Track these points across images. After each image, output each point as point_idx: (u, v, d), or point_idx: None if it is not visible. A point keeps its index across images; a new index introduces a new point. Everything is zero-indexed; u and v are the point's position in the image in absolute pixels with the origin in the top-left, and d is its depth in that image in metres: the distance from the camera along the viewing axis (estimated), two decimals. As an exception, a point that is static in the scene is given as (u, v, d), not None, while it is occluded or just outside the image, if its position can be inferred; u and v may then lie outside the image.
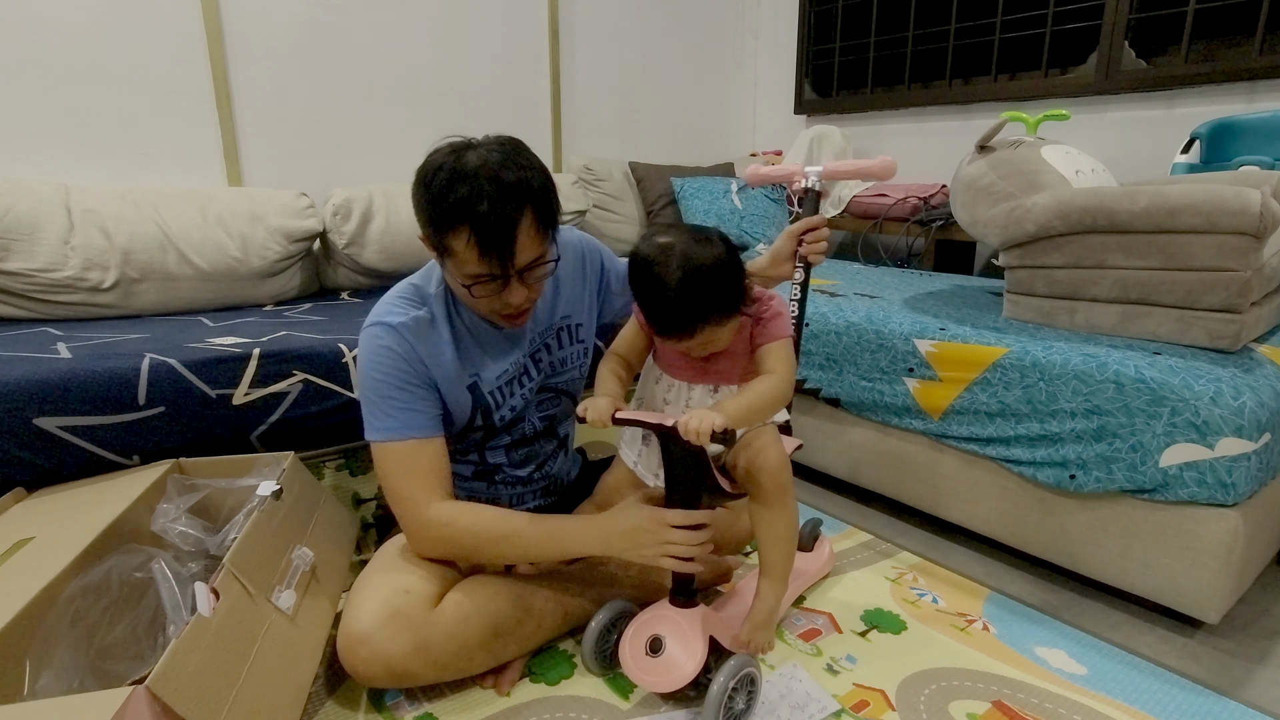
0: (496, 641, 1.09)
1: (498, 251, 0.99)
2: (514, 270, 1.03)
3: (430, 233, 1.03)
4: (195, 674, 0.80)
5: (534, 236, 1.03)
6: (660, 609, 1.09)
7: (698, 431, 0.92)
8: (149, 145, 2.07)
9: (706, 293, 0.98)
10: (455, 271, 1.04)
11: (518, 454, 1.28)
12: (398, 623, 1.01)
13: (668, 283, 0.97)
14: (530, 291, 1.07)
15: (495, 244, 0.99)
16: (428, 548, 1.11)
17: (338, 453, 1.50)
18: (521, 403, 1.23)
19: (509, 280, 1.04)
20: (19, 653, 0.83)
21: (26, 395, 1.17)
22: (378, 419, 1.09)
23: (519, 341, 1.21)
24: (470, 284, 1.03)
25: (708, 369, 1.11)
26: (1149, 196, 1.34)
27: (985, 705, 1.10)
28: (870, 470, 1.73)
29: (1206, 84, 2.13)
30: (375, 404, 1.09)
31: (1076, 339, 1.43)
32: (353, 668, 1.01)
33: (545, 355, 1.26)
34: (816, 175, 1.30)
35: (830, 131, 3.05)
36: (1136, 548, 1.29)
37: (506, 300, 1.06)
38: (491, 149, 1.01)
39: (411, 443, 1.09)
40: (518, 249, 1.01)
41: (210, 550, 1.14)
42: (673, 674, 1.02)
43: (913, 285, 2.09)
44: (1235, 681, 1.17)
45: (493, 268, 1.01)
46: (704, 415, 0.93)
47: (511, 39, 2.70)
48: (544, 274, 1.09)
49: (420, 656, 1.02)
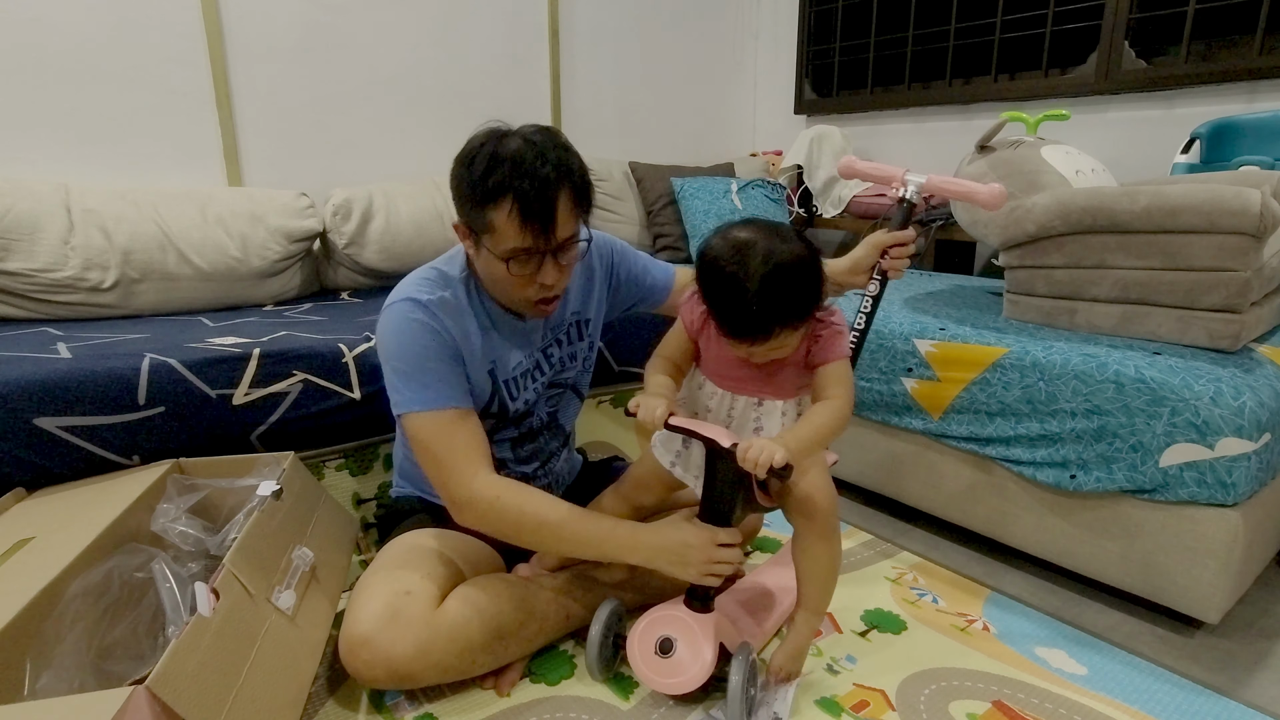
0: (498, 643, 1.09)
1: (539, 223, 1.01)
2: (553, 244, 1.04)
3: (469, 211, 1.04)
4: (195, 674, 0.80)
5: (571, 213, 1.05)
6: (674, 609, 1.08)
7: (756, 463, 0.90)
8: (149, 145, 2.07)
9: (789, 294, 0.92)
10: (494, 248, 1.04)
11: (523, 449, 1.28)
12: (400, 624, 1.01)
13: (748, 282, 0.90)
14: (562, 274, 1.08)
15: (537, 215, 1.00)
16: (471, 519, 1.09)
17: (338, 453, 1.50)
18: (534, 396, 1.23)
19: (545, 257, 1.05)
20: (19, 653, 0.83)
21: (26, 395, 1.17)
22: (414, 390, 1.07)
23: (533, 336, 1.22)
24: (509, 258, 1.04)
25: (755, 380, 1.05)
26: (1149, 196, 1.34)
27: (985, 705, 1.10)
28: (870, 470, 1.73)
29: (1206, 84, 2.13)
30: (411, 375, 1.07)
31: (1076, 339, 1.43)
32: (354, 669, 1.01)
33: (556, 350, 1.26)
34: (916, 187, 1.22)
35: (830, 131, 3.05)
36: (1136, 548, 1.29)
37: (541, 279, 1.06)
38: (530, 134, 1.04)
39: (452, 412, 1.08)
40: (558, 222, 1.02)
41: (210, 550, 1.14)
42: (681, 677, 1.02)
43: (913, 285, 2.09)
44: (1235, 681, 1.17)
45: (533, 240, 1.02)
46: (766, 447, 0.90)
47: (511, 39, 2.70)
48: (575, 256, 1.10)
49: (422, 658, 1.01)
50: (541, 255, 1.05)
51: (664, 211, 2.80)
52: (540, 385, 1.25)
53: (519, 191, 0.99)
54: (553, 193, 1.01)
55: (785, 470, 0.90)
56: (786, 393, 1.06)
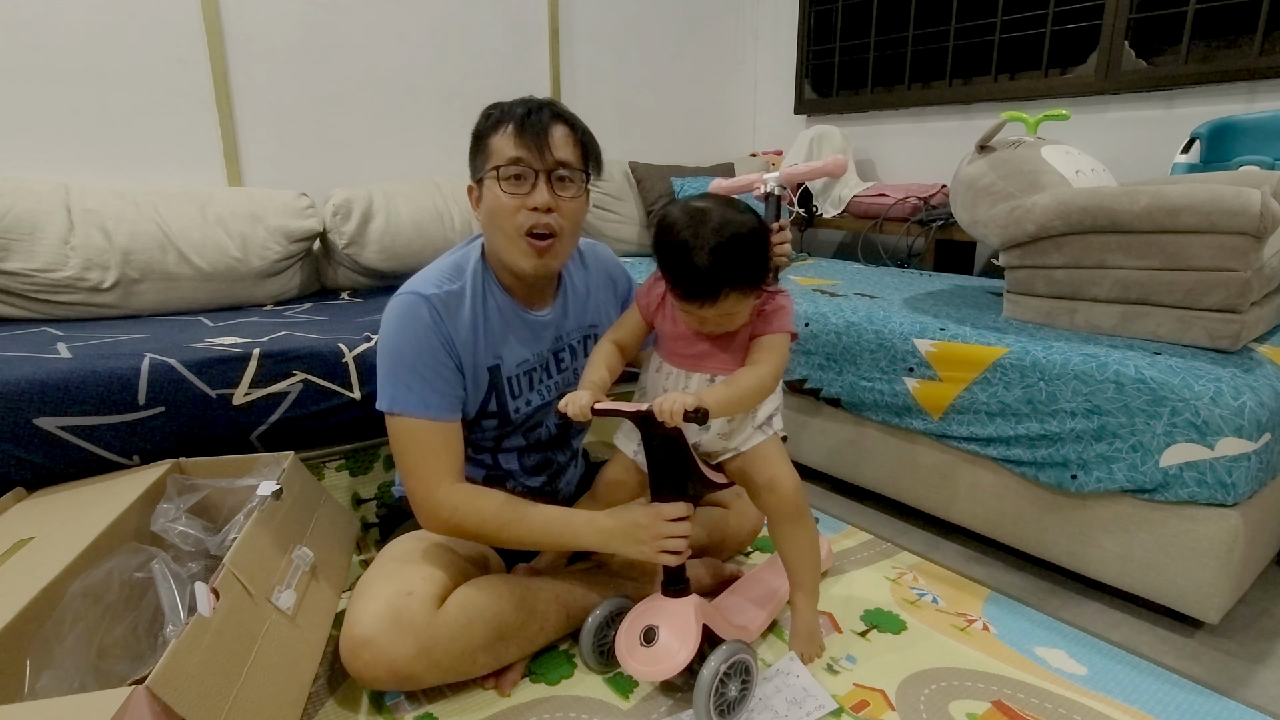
0: (500, 644, 1.09)
1: (534, 138, 1.06)
2: (548, 162, 1.07)
3: (476, 152, 1.11)
4: (195, 674, 0.80)
5: (568, 141, 1.10)
6: (653, 601, 1.10)
7: (670, 412, 0.95)
8: (149, 145, 2.07)
9: (738, 257, 0.99)
10: (492, 165, 1.08)
11: (530, 459, 1.28)
12: (401, 626, 1.00)
13: (702, 243, 0.98)
14: (557, 206, 1.09)
15: (532, 131, 1.06)
16: (435, 526, 1.12)
17: (338, 453, 1.50)
18: (539, 399, 1.23)
19: (539, 176, 1.07)
20: (19, 653, 0.83)
21: (26, 395, 1.17)
22: (398, 389, 1.09)
23: (544, 334, 1.22)
24: (502, 167, 1.07)
25: (710, 357, 1.11)
26: (1149, 196, 1.34)
27: (985, 705, 1.10)
28: (870, 470, 1.73)
29: (1206, 84, 2.13)
30: (397, 373, 1.09)
31: (1076, 339, 1.43)
32: (356, 671, 1.01)
33: (568, 358, 1.27)
34: (775, 180, 1.32)
35: (830, 131, 3.05)
36: (1136, 548, 1.29)
37: (534, 201, 1.07)
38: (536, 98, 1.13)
39: (426, 422, 1.09)
40: (552, 141, 1.07)
41: (210, 550, 1.14)
42: (666, 662, 1.03)
43: (913, 285, 2.09)
44: (1235, 681, 1.17)
45: (527, 152, 1.06)
46: (676, 396, 0.96)
47: (511, 39, 2.70)
48: (574, 192, 1.12)
49: (423, 660, 1.01)
50: (535, 174, 1.08)
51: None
52: (547, 389, 1.24)
53: (517, 114, 1.08)
54: (548, 118, 1.08)
55: (699, 414, 0.95)
56: (738, 366, 1.10)
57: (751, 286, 1.03)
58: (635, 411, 1.02)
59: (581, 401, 1.04)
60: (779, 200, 1.32)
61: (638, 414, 1.02)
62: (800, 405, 1.85)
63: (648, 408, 0.99)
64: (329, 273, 2.21)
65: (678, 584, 1.09)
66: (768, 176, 1.32)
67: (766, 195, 1.32)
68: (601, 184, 2.79)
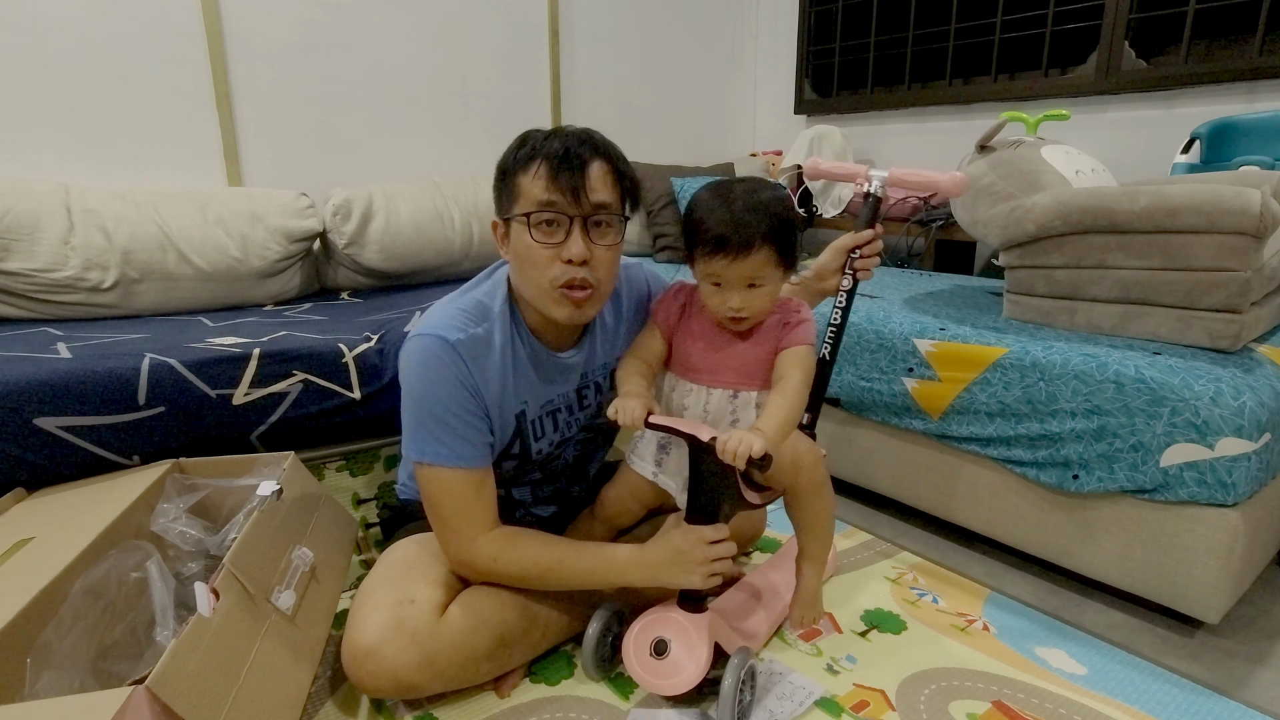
0: (502, 651, 1.09)
1: (568, 179, 0.97)
2: (584, 207, 0.99)
3: (503, 188, 1.03)
4: (195, 674, 0.80)
5: (606, 181, 1.01)
6: (667, 610, 1.08)
7: (735, 454, 0.91)
8: (149, 145, 2.07)
9: (774, 213, 1.00)
10: (522, 210, 1.00)
11: (544, 491, 1.26)
12: (404, 635, 0.99)
13: (737, 199, 1.00)
14: (593, 256, 1.01)
15: (566, 172, 0.97)
16: (474, 577, 1.09)
17: (338, 453, 1.50)
18: (559, 438, 1.19)
19: (573, 223, 0.99)
20: (19, 653, 0.83)
21: (26, 395, 1.17)
22: (427, 442, 1.04)
23: (570, 375, 1.17)
24: (532, 215, 0.98)
25: (730, 371, 1.08)
26: (1149, 196, 1.34)
27: (985, 705, 1.10)
28: (870, 470, 1.73)
29: (1206, 84, 2.13)
30: (426, 425, 1.04)
31: (1076, 339, 1.43)
32: (359, 680, 1.00)
33: (591, 395, 1.21)
34: (881, 181, 1.22)
35: (830, 131, 3.05)
36: (1136, 548, 1.29)
37: (568, 253, 0.99)
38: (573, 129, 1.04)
39: (461, 472, 1.05)
40: (588, 181, 0.98)
41: (210, 550, 1.14)
42: (676, 678, 1.02)
43: (913, 285, 2.09)
44: (1235, 681, 1.17)
45: (560, 195, 0.97)
46: (744, 438, 0.91)
47: (511, 39, 2.70)
48: (612, 238, 1.04)
49: (427, 669, 1.01)
50: (570, 220, 0.99)
51: (664, 211, 2.81)
52: (569, 425, 1.20)
53: (549, 153, 0.98)
54: (586, 154, 0.99)
55: (764, 461, 0.91)
56: (760, 382, 1.08)
57: (782, 252, 1.02)
58: (695, 437, 0.98)
59: (635, 413, 1.00)
60: (878, 202, 1.23)
61: (696, 441, 0.98)
62: (800, 405, 1.85)
63: (711, 439, 0.95)
64: (329, 273, 2.21)
65: (696, 600, 1.07)
66: (874, 174, 1.23)
67: (866, 195, 1.24)
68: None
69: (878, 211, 1.25)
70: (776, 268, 1.03)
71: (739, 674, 1.01)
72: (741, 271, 1.01)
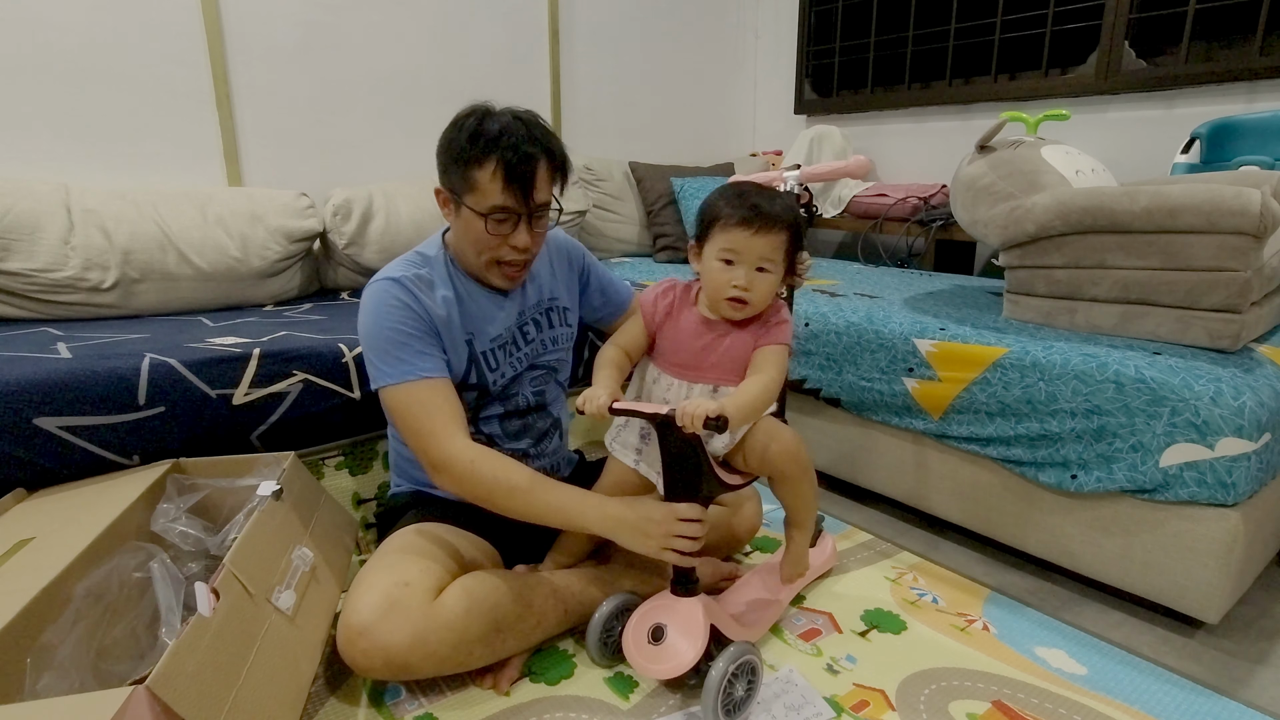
0: (496, 636, 1.09)
1: (521, 184, 1.10)
2: (531, 206, 1.13)
3: (455, 171, 1.12)
4: (195, 674, 0.80)
5: (549, 181, 1.15)
6: (662, 599, 1.11)
7: (693, 417, 0.97)
8: (149, 145, 2.07)
9: (790, 207, 1.12)
10: (475, 205, 1.12)
11: (511, 424, 1.30)
12: (397, 614, 1.01)
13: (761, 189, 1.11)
14: (534, 242, 1.17)
15: (519, 178, 1.10)
16: (448, 481, 1.13)
17: (337, 452, 1.50)
18: (512, 371, 1.27)
19: (521, 219, 1.13)
20: (19, 653, 0.83)
21: (26, 395, 1.17)
22: (391, 365, 1.13)
23: (509, 309, 1.26)
24: (488, 214, 1.11)
25: (710, 368, 1.12)
26: (1149, 196, 1.34)
27: (985, 705, 1.10)
28: (870, 470, 1.73)
29: (1206, 84, 2.13)
30: (387, 350, 1.13)
31: (1076, 339, 1.43)
32: (352, 659, 1.02)
33: (534, 331, 1.31)
34: (795, 179, 1.32)
35: (830, 131, 3.05)
36: (1136, 548, 1.29)
37: (514, 241, 1.14)
38: (516, 112, 1.14)
39: (428, 382, 1.13)
40: (537, 186, 1.12)
41: (210, 550, 1.14)
42: (673, 661, 1.03)
43: (913, 285, 2.09)
44: (1235, 681, 1.17)
45: (513, 200, 1.11)
46: (699, 403, 0.98)
47: (511, 39, 2.70)
48: (547, 224, 1.18)
49: (419, 649, 1.02)
50: (519, 217, 1.13)
51: (664, 211, 2.80)
52: (519, 361, 1.28)
53: (505, 153, 1.09)
54: (535, 159, 1.11)
55: (720, 421, 0.97)
56: (740, 377, 1.12)
57: (793, 243, 1.11)
58: (654, 414, 1.03)
59: (599, 401, 1.06)
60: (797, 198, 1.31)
61: (656, 417, 1.03)
62: (800, 405, 1.85)
63: (669, 411, 1.00)
64: (329, 273, 2.21)
65: (687, 583, 1.10)
66: (787, 175, 1.32)
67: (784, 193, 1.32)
68: (601, 184, 2.79)
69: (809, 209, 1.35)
70: (784, 260, 1.11)
71: (730, 664, 1.02)
72: (759, 248, 1.08)
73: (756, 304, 1.10)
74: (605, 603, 1.16)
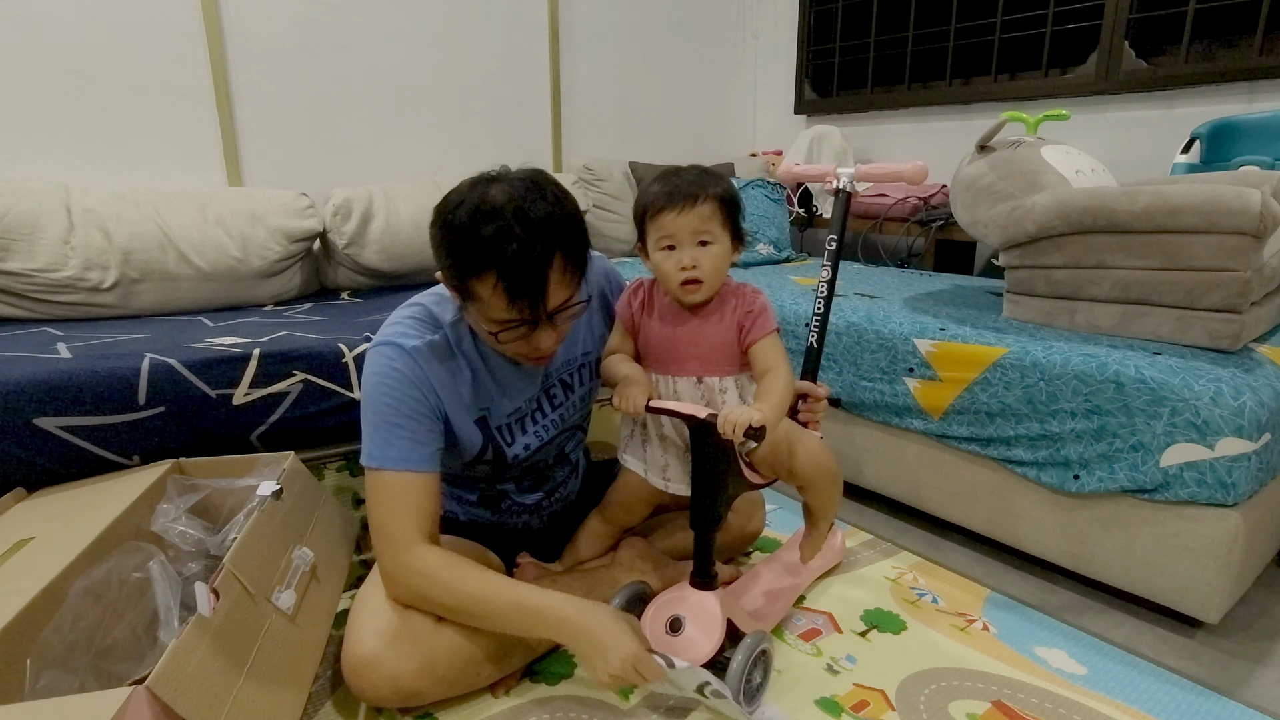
0: (503, 654, 1.08)
1: (529, 297, 0.94)
2: (544, 314, 0.97)
3: (452, 275, 0.97)
4: (195, 674, 0.80)
5: (564, 277, 0.97)
6: (680, 590, 1.12)
7: (735, 425, 0.95)
8: (149, 145, 2.07)
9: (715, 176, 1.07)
10: (480, 317, 0.99)
11: (527, 482, 1.26)
12: (404, 642, 0.99)
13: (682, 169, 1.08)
14: (559, 333, 1.03)
15: (526, 289, 0.93)
16: (400, 593, 1.02)
17: (338, 453, 1.50)
18: (538, 441, 1.19)
19: (538, 324, 0.98)
20: (19, 653, 0.83)
21: (26, 395, 1.17)
22: (377, 446, 1.02)
23: (534, 378, 1.16)
24: (498, 330, 0.98)
25: (691, 359, 1.12)
26: (1149, 196, 1.34)
27: (985, 705, 1.10)
28: (870, 470, 1.73)
29: (1206, 84, 2.13)
30: (378, 428, 1.02)
31: (1076, 339, 1.43)
32: (360, 691, 0.99)
33: (560, 394, 1.21)
34: (849, 177, 1.25)
35: (830, 131, 3.05)
36: (1136, 548, 1.29)
37: (535, 345, 1.01)
38: (514, 182, 0.95)
39: (407, 475, 1.02)
40: (549, 292, 0.95)
41: (210, 550, 1.14)
42: (690, 653, 1.04)
43: (913, 285, 2.09)
44: (1235, 681, 1.17)
45: (522, 313, 0.95)
46: (743, 410, 0.97)
47: (511, 39, 2.70)
48: (574, 314, 1.03)
49: (428, 675, 1.00)
50: (533, 325, 0.98)
51: (664, 211, 2.80)
52: (544, 429, 1.19)
53: (504, 262, 0.91)
54: (542, 262, 0.93)
55: (760, 431, 0.96)
56: (724, 368, 1.12)
57: (728, 212, 1.06)
58: (693, 416, 1.02)
59: (634, 399, 1.05)
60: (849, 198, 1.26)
61: (694, 419, 1.02)
62: (800, 405, 1.85)
63: (708, 416, 1.00)
64: (329, 273, 2.21)
65: (706, 577, 1.11)
66: (842, 171, 1.27)
67: (836, 191, 1.28)
68: (601, 184, 2.79)
69: (848, 205, 1.28)
70: (724, 227, 1.06)
71: (750, 653, 1.04)
72: (690, 223, 1.04)
73: (711, 280, 1.06)
74: (616, 596, 1.15)
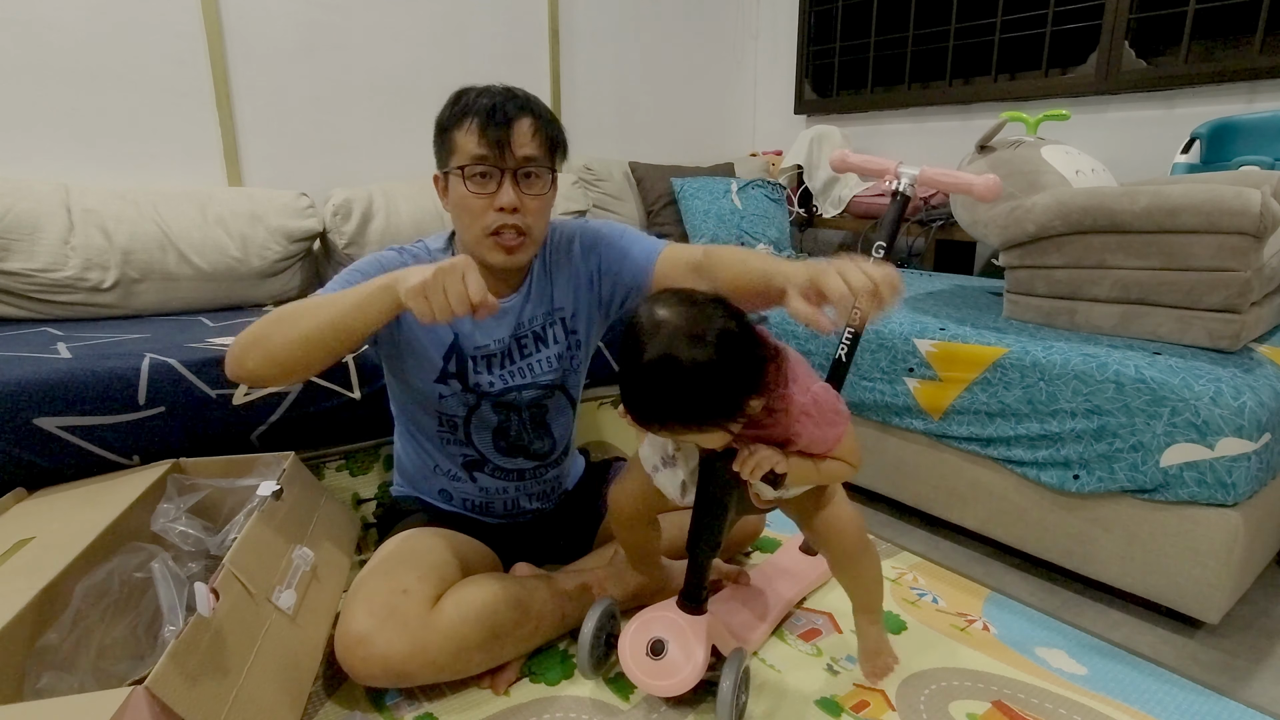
0: (494, 643, 1.09)
1: (497, 135, 1.06)
2: (511, 160, 1.08)
3: (440, 143, 1.12)
4: (195, 674, 0.80)
5: (532, 135, 1.09)
6: (665, 610, 1.06)
7: (755, 467, 0.89)
8: (149, 145, 2.07)
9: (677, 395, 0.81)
10: (457, 164, 1.09)
11: (503, 442, 1.25)
12: (395, 623, 1.00)
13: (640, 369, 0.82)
14: (523, 205, 1.10)
15: (496, 128, 1.07)
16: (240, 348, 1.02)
17: (338, 453, 1.50)
18: (502, 384, 1.21)
19: (504, 175, 1.08)
20: (19, 653, 0.83)
21: (26, 395, 1.17)
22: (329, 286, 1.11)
23: (503, 319, 1.19)
24: (468, 165, 1.08)
25: None
26: (1149, 196, 1.34)
27: (985, 705, 1.10)
28: (870, 470, 1.73)
29: (1206, 84, 2.13)
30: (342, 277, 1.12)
31: (1076, 339, 1.43)
32: (350, 667, 1.01)
33: (531, 344, 1.22)
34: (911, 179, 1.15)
35: (830, 131, 3.05)
36: (1136, 548, 1.29)
37: (500, 201, 1.08)
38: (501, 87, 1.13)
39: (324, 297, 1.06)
40: (514, 137, 1.07)
41: (210, 550, 1.14)
42: (672, 679, 1.02)
43: (913, 285, 2.09)
44: (1235, 681, 1.17)
45: (490, 150, 1.07)
46: (768, 456, 0.89)
47: (511, 39, 2.70)
48: (540, 188, 1.12)
49: (418, 657, 1.01)
50: (500, 173, 1.08)
51: (664, 211, 2.80)
52: (510, 375, 1.21)
53: (481, 109, 1.08)
54: (513, 111, 1.08)
55: (780, 478, 0.92)
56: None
57: (701, 424, 0.85)
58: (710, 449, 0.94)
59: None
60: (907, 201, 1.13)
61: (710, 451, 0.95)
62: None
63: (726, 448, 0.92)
64: (329, 273, 2.21)
65: (696, 601, 1.06)
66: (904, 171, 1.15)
67: (894, 194, 1.17)
68: (601, 184, 2.79)
69: (904, 210, 1.17)
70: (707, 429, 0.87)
71: (736, 676, 1.01)
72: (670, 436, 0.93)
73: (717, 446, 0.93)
74: (587, 620, 1.10)
